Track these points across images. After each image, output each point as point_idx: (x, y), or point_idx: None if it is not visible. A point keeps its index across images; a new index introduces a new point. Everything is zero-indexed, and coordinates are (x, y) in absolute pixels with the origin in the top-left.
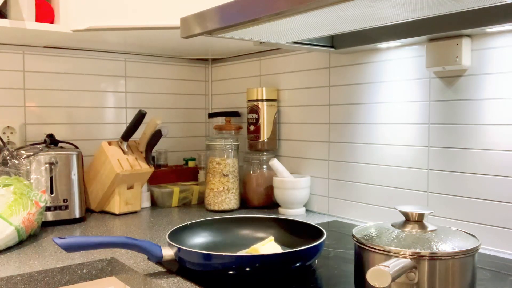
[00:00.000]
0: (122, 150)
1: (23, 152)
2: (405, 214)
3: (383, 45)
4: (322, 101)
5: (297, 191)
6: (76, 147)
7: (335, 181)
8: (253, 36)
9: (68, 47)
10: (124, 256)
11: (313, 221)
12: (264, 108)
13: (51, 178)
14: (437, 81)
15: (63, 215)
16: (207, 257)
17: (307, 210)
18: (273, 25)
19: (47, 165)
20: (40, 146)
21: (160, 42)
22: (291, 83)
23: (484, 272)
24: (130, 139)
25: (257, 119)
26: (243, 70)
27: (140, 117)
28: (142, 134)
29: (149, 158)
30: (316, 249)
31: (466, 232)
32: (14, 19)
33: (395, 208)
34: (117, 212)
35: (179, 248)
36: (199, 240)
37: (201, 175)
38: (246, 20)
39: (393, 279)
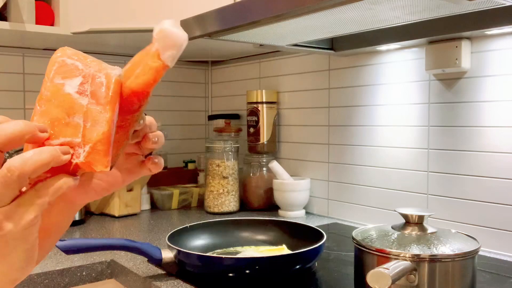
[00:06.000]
0: None
1: None
2: (405, 216)
3: (383, 47)
4: (322, 103)
5: (297, 193)
6: None
7: (335, 183)
8: (253, 38)
9: None
10: (123, 258)
11: (313, 223)
12: (264, 110)
13: None
14: (436, 83)
15: None
16: (207, 259)
17: (307, 212)
18: (272, 27)
19: None
20: None
21: None
22: (291, 85)
23: (484, 274)
24: None
25: (257, 121)
26: (243, 72)
27: None
28: None
29: None
30: (316, 251)
31: (466, 234)
32: (14, 21)
33: (395, 210)
34: (116, 215)
35: (178, 251)
36: (198, 242)
37: (200, 177)
38: (246, 23)
39: (393, 282)
